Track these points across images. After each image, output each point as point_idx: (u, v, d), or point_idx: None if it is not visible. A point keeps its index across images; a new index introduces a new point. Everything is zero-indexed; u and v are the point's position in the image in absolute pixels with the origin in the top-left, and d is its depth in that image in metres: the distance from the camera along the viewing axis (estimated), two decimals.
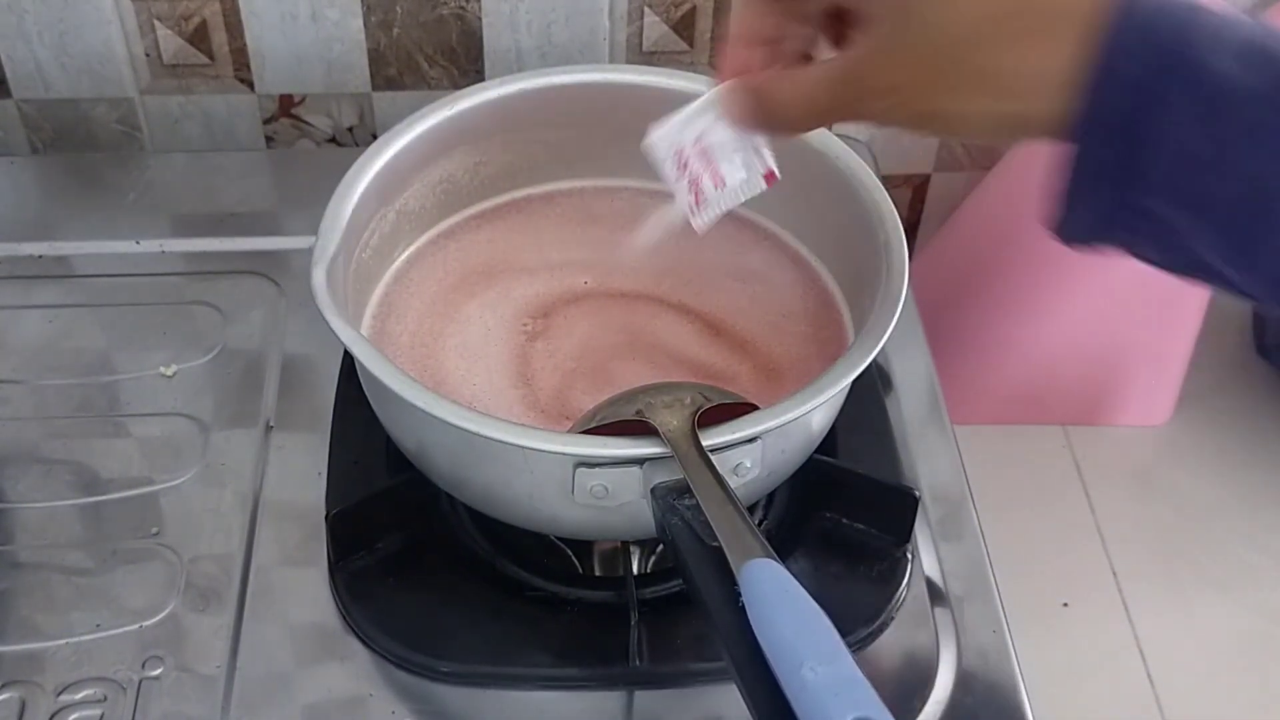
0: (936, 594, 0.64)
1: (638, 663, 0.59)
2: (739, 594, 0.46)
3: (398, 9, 0.86)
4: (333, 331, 0.55)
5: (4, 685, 0.58)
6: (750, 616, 0.45)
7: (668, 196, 0.52)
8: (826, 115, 0.46)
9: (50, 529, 0.65)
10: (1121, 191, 0.39)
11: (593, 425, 0.55)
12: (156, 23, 0.86)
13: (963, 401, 0.85)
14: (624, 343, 0.64)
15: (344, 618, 0.61)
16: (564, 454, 0.52)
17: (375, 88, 0.90)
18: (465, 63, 0.89)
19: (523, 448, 0.52)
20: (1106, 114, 0.39)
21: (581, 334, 0.64)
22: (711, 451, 0.52)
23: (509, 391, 0.61)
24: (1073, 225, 0.41)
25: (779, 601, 0.45)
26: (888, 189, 0.63)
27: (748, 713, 0.45)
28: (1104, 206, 0.40)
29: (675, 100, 0.67)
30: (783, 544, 0.64)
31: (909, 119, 0.44)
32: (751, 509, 0.64)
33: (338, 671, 0.60)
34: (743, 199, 0.52)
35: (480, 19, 0.87)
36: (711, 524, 0.49)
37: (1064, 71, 0.39)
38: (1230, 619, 0.85)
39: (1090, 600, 0.86)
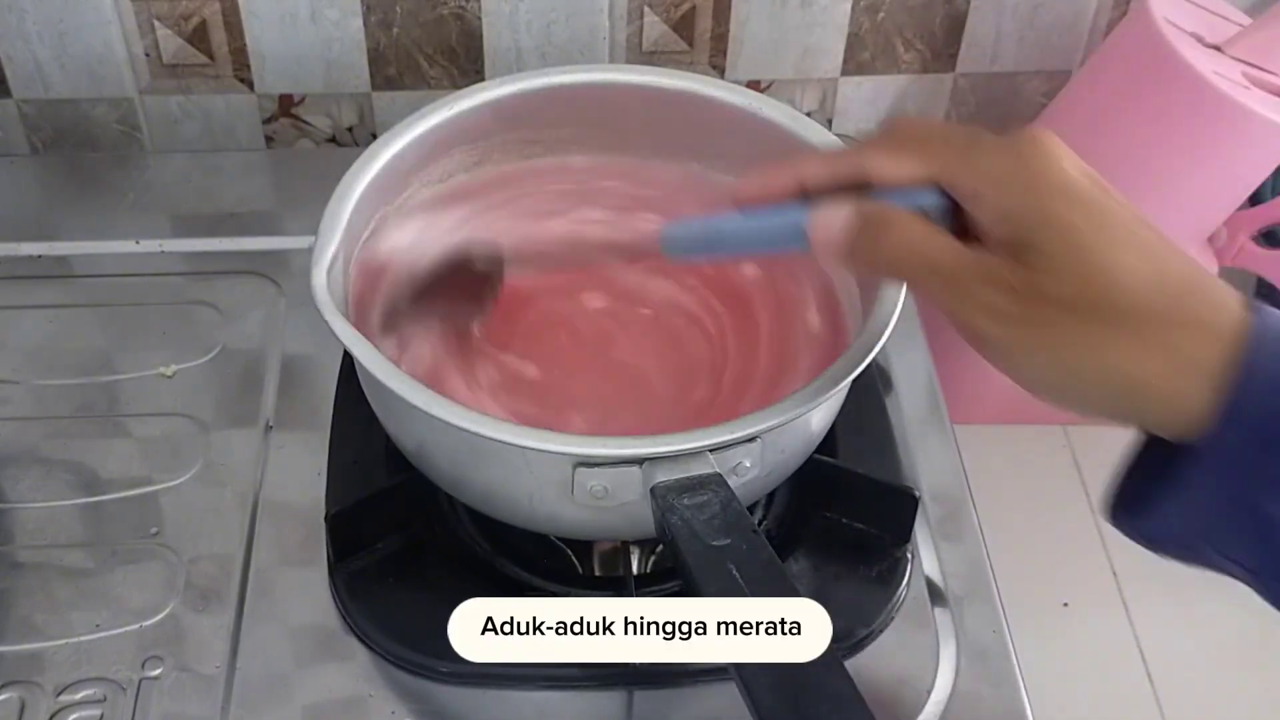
0: (936, 594, 0.64)
1: (638, 663, 0.59)
2: (738, 589, 0.46)
3: (398, 9, 0.86)
4: (332, 331, 0.55)
5: (4, 685, 0.58)
6: None
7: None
8: (931, 277, 0.43)
9: (50, 529, 0.65)
10: (1245, 489, 0.39)
11: None
12: (156, 23, 0.86)
13: (963, 401, 0.85)
14: (621, 342, 0.64)
15: (344, 618, 0.61)
16: (564, 454, 0.52)
17: (375, 88, 0.90)
18: (465, 63, 0.89)
19: (523, 448, 0.52)
20: (1250, 409, 0.39)
21: (574, 335, 0.64)
22: (711, 451, 0.52)
23: (490, 401, 0.61)
24: (1169, 519, 0.41)
25: None
26: None
27: (748, 713, 0.45)
28: (1218, 502, 0.40)
29: (675, 100, 0.68)
30: (783, 544, 0.64)
31: (1024, 341, 0.41)
32: (752, 509, 0.64)
33: (338, 671, 0.60)
34: None
35: (480, 19, 0.87)
36: None
37: (1213, 362, 0.39)
38: (1230, 619, 0.85)
39: (1090, 600, 0.86)
